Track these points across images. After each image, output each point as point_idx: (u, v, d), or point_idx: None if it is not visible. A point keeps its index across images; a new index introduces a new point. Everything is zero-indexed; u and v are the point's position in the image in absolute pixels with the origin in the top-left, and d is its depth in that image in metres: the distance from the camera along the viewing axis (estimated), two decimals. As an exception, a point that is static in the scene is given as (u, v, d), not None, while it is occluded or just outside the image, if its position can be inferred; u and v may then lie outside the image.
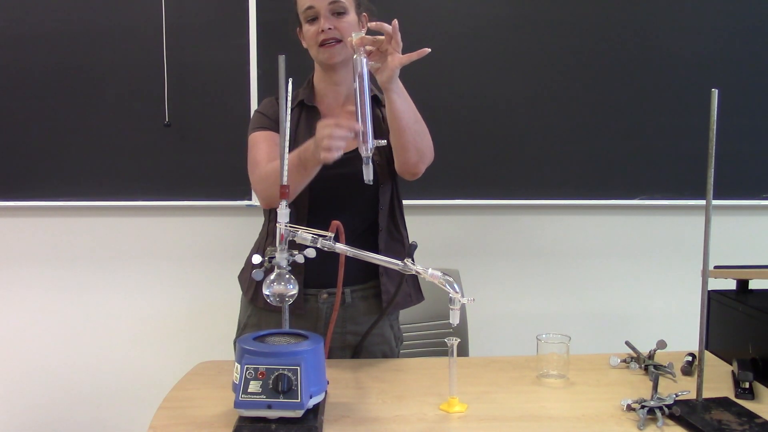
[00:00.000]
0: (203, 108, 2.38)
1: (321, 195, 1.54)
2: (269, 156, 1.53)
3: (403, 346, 1.76)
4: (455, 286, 1.19)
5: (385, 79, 1.37)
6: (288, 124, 1.25)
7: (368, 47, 1.35)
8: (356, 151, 1.32)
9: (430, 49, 1.34)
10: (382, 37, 1.34)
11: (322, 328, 1.55)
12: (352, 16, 1.54)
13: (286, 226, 1.21)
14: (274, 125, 1.54)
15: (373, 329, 1.53)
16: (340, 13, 1.52)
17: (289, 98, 1.25)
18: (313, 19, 1.52)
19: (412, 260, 1.24)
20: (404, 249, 1.63)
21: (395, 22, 1.33)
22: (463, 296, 1.20)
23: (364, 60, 1.33)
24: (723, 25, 2.46)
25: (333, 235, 1.24)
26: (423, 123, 1.48)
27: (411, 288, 1.67)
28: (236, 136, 1.68)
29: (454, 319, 1.20)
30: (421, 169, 1.52)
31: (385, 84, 1.38)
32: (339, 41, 1.52)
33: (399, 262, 1.24)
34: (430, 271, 1.22)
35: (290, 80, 1.26)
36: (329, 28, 1.50)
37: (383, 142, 1.35)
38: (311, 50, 1.57)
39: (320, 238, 1.23)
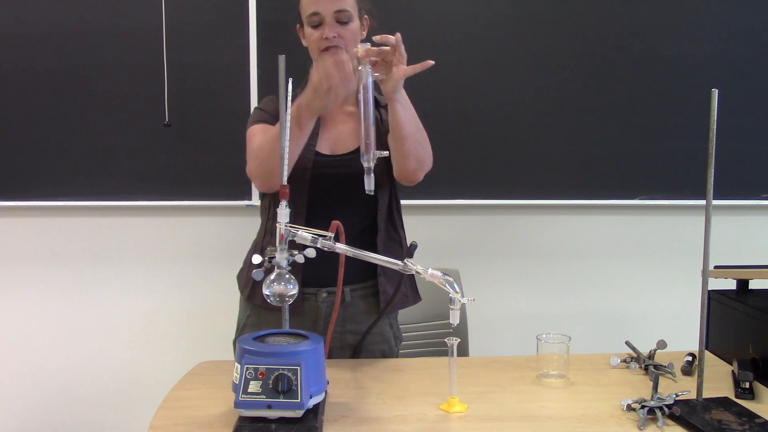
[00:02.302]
0: (203, 108, 2.38)
1: (320, 195, 1.53)
2: None
3: (402, 346, 1.76)
4: (455, 286, 1.19)
5: (389, 90, 1.39)
6: (288, 124, 1.26)
7: (373, 58, 1.36)
8: (355, 152, 1.32)
9: (433, 62, 1.36)
10: (388, 48, 1.36)
11: (322, 327, 1.56)
12: (355, 23, 1.53)
13: (286, 226, 1.21)
14: (273, 120, 1.55)
15: (372, 329, 1.54)
16: (344, 22, 1.52)
17: (290, 98, 1.25)
18: (317, 25, 1.53)
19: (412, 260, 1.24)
20: (402, 250, 1.63)
21: (398, 35, 1.35)
22: (463, 296, 1.20)
23: (370, 71, 1.35)
24: (723, 25, 2.47)
25: (333, 235, 1.24)
26: (424, 132, 1.49)
27: (408, 289, 1.67)
28: (236, 136, 1.68)
29: (454, 319, 1.20)
30: (419, 176, 1.52)
31: (389, 94, 1.40)
32: (341, 47, 1.52)
33: (399, 262, 1.24)
34: (430, 271, 1.22)
35: (290, 80, 1.26)
36: (333, 36, 1.51)
37: (386, 153, 1.36)
38: (312, 53, 1.57)
39: (320, 238, 1.23)
